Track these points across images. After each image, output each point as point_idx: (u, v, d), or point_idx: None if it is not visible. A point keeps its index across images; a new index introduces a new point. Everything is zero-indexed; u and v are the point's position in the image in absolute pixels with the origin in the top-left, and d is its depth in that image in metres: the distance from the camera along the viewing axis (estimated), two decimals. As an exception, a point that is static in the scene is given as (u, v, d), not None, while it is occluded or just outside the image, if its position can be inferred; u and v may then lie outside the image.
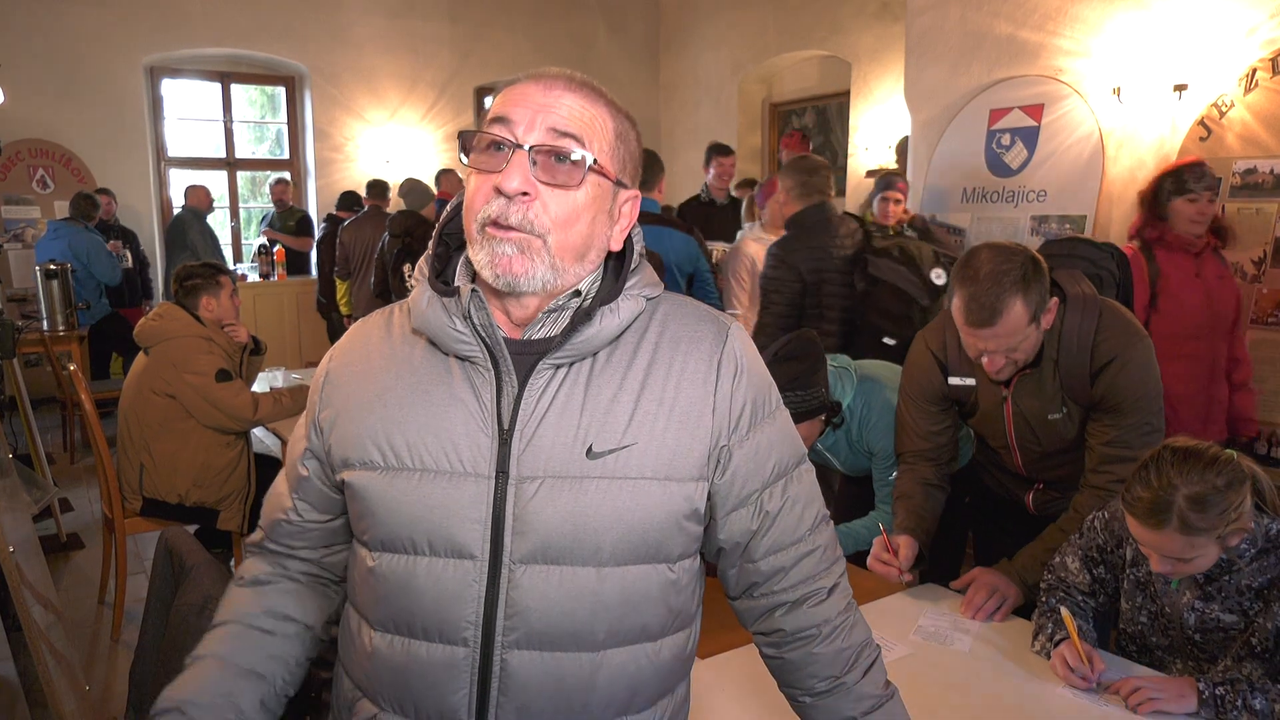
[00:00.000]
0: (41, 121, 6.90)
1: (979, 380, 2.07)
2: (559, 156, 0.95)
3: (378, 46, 8.11)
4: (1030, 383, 2.00)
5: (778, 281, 3.33)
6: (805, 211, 3.35)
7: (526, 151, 0.94)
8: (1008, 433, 2.10)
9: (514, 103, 0.97)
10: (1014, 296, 1.81)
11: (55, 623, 2.47)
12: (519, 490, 0.97)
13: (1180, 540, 1.54)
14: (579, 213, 0.96)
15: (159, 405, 3.19)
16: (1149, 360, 1.94)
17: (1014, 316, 1.82)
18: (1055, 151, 4.48)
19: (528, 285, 0.96)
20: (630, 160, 1.03)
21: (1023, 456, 2.13)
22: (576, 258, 0.98)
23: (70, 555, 4.11)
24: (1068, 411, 1.99)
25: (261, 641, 1.12)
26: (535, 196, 0.94)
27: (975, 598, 1.92)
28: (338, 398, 1.06)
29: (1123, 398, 1.91)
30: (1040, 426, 2.03)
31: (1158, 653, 1.77)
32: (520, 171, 0.94)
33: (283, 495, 1.14)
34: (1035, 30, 4.55)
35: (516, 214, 0.94)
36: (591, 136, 0.97)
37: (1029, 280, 1.83)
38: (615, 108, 1.01)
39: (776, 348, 2.24)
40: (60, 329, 5.71)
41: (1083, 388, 1.94)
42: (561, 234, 0.96)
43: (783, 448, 1.08)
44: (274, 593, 1.15)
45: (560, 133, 0.95)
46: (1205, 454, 1.56)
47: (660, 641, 1.04)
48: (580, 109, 0.97)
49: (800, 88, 8.34)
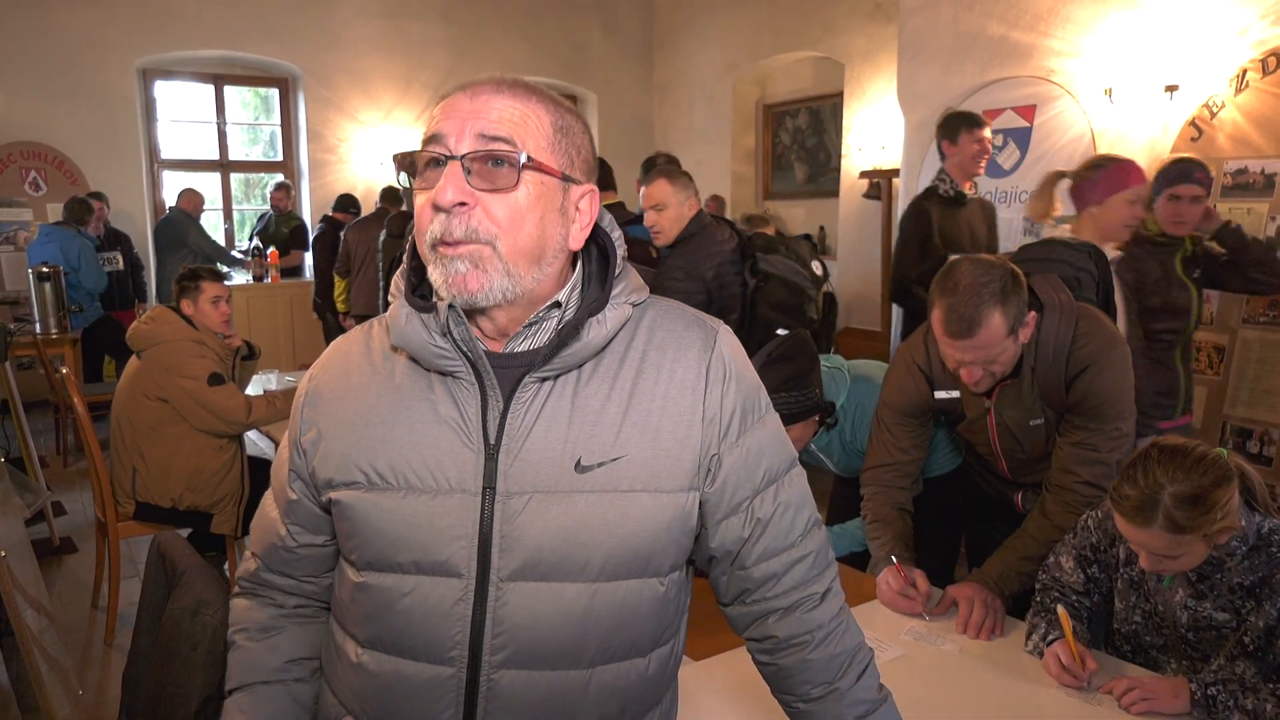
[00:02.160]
0: (34, 123, 6.88)
1: (963, 391, 2.08)
2: (494, 161, 0.92)
3: (371, 48, 8.10)
4: (1011, 393, 2.01)
5: (685, 295, 3.13)
6: (700, 217, 3.31)
7: (459, 161, 0.92)
8: (992, 441, 2.12)
9: (444, 116, 0.95)
10: (992, 308, 1.83)
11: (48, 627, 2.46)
12: (506, 506, 0.96)
13: (1167, 538, 1.54)
14: (523, 213, 0.93)
15: (151, 409, 3.18)
16: (1124, 367, 1.95)
17: (992, 328, 1.84)
18: (1048, 152, 4.50)
19: (485, 300, 0.93)
20: (579, 154, 0.99)
21: (1008, 462, 2.15)
22: (531, 261, 0.95)
23: (63, 559, 4.09)
24: (1047, 418, 2.01)
25: (296, 692, 1.12)
26: (474, 204, 0.92)
27: (973, 616, 1.86)
28: (319, 418, 1.04)
29: (1096, 403, 1.93)
30: (1023, 434, 2.05)
31: (1152, 652, 1.78)
32: (454, 183, 0.91)
33: (275, 521, 1.12)
34: (1027, 31, 4.56)
35: (460, 226, 0.92)
36: (525, 134, 0.94)
37: (1008, 293, 1.85)
38: (552, 102, 0.98)
39: (770, 349, 2.24)
40: (53, 332, 5.69)
41: (1058, 394, 1.96)
42: (510, 238, 0.93)
43: (773, 452, 1.07)
44: (286, 639, 1.14)
45: (490, 137, 0.92)
46: (1192, 453, 1.56)
47: (649, 656, 1.04)
48: (510, 109, 0.94)
49: (794, 89, 8.35)
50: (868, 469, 2.21)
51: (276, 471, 1.12)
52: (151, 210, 7.63)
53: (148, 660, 1.69)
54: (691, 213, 3.26)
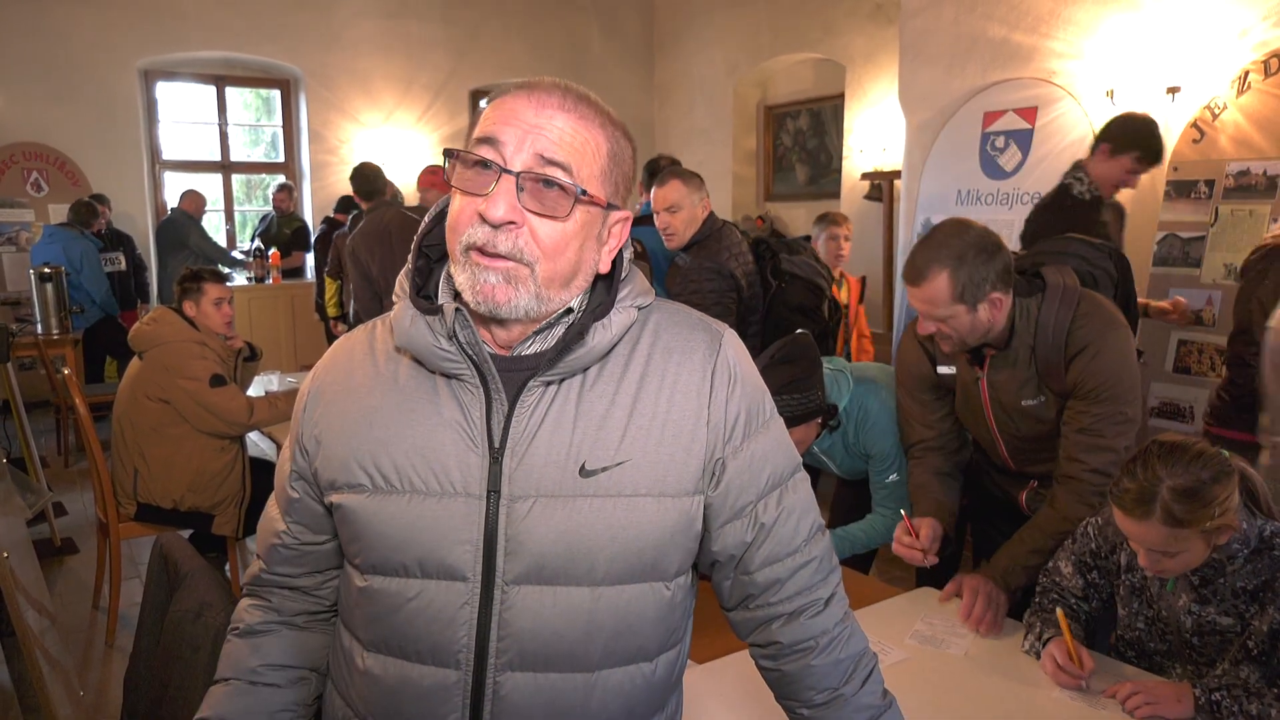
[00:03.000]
0: (35, 124, 6.88)
1: (959, 367, 2.11)
2: (547, 182, 0.90)
3: (372, 49, 8.10)
4: (1003, 367, 2.02)
5: (717, 294, 3.13)
6: (712, 218, 3.28)
7: (514, 177, 0.90)
8: (987, 419, 2.11)
9: (503, 120, 0.92)
10: (940, 268, 1.88)
11: (49, 627, 2.46)
12: (511, 510, 0.95)
13: (1164, 532, 1.54)
14: (568, 240, 0.93)
15: (153, 410, 3.18)
16: (1124, 349, 1.94)
17: (935, 286, 1.89)
18: (1049, 154, 4.49)
19: (509, 313, 0.93)
20: (623, 181, 0.98)
21: (1006, 447, 2.14)
22: (563, 285, 0.95)
23: (64, 560, 4.09)
24: (1045, 400, 2.00)
25: (265, 697, 1.11)
26: (522, 224, 0.90)
27: (976, 608, 1.89)
28: (322, 419, 1.04)
29: (1096, 384, 1.92)
30: (1017, 413, 2.05)
31: (1156, 658, 1.77)
32: (506, 199, 0.89)
33: (275, 520, 1.11)
34: (1028, 33, 4.56)
35: (505, 243, 0.90)
36: (582, 163, 0.92)
37: (964, 260, 1.87)
38: (610, 124, 0.96)
39: (772, 351, 2.24)
40: (54, 332, 5.70)
41: (1058, 375, 1.96)
42: (550, 263, 0.92)
43: (777, 457, 1.06)
44: (271, 643, 1.13)
45: (548, 160, 0.90)
46: (1192, 448, 1.57)
47: (656, 660, 1.03)
48: (572, 132, 0.92)
49: (795, 90, 8.35)
50: (906, 446, 2.29)
51: (279, 470, 1.11)
52: (153, 211, 7.63)
53: (150, 662, 1.69)
54: (704, 214, 3.25)
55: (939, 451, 2.21)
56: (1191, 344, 3.82)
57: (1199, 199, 3.85)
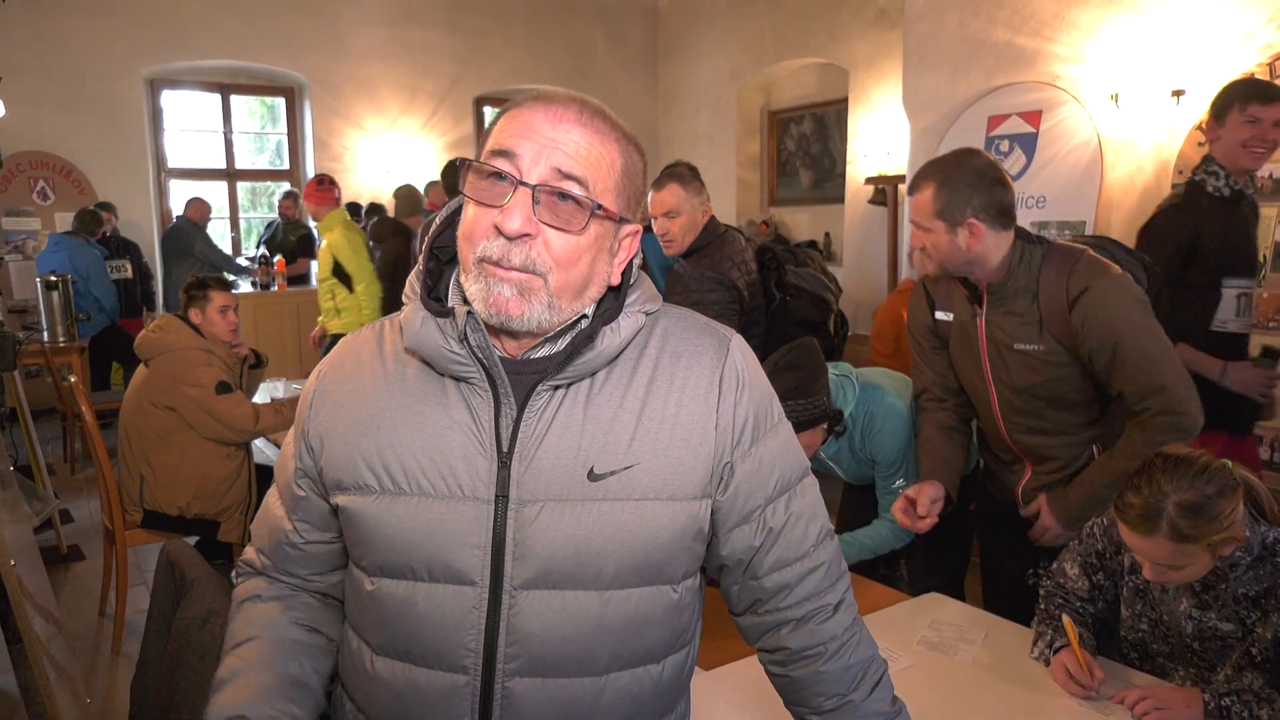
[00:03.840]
0: (42, 133, 6.91)
1: (957, 313, 2.14)
2: (562, 196, 0.91)
3: (377, 56, 8.13)
4: (1002, 308, 2.04)
5: (720, 306, 2.97)
6: (714, 224, 3.12)
7: (530, 190, 0.90)
8: (982, 362, 2.10)
9: (519, 133, 0.92)
10: (929, 182, 1.96)
11: (56, 635, 2.46)
12: (519, 514, 0.95)
13: (1170, 547, 1.54)
14: (581, 253, 0.93)
15: (159, 417, 3.18)
16: (1123, 289, 1.92)
17: (922, 197, 1.98)
18: (1054, 158, 4.49)
19: (521, 325, 0.93)
20: (635, 195, 0.99)
21: (999, 397, 2.12)
22: (574, 296, 0.95)
23: (70, 567, 4.10)
24: (1046, 348, 1.99)
25: (299, 651, 1.08)
26: (537, 236, 0.91)
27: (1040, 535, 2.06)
28: (328, 418, 1.03)
29: (1104, 328, 1.90)
30: (1010, 355, 2.04)
31: (1159, 660, 1.77)
32: (522, 212, 0.90)
33: (280, 519, 1.10)
34: (1032, 36, 4.56)
35: (519, 255, 0.91)
36: (597, 177, 0.93)
37: (951, 180, 1.94)
38: (624, 139, 0.97)
39: (777, 357, 2.23)
40: (60, 340, 5.71)
41: (1062, 318, 1.95)
42: (563, 274, 0.93)
43: (785, 461, 1.06)
44: (298, 605, 1.12)
45: (565, 174, 0.91)
46: (1197, 462, 1.56)
47: (663, 662, 1.03)
48: (588, 147, 0.93)
49: (798, 95, 8.36)
50: (916, 395, 2.35)
51: (282, 468, 1.10)
52: (159, 219, 7.66)
53: (156, 669, 1.69)
54: (705, 219, 3.08)
55: (943, 403, 2.26)
56: (1198, 347, 3.81)
57: (1205, 202, 3.83)
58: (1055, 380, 2.01)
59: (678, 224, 3.05)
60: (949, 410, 2.26)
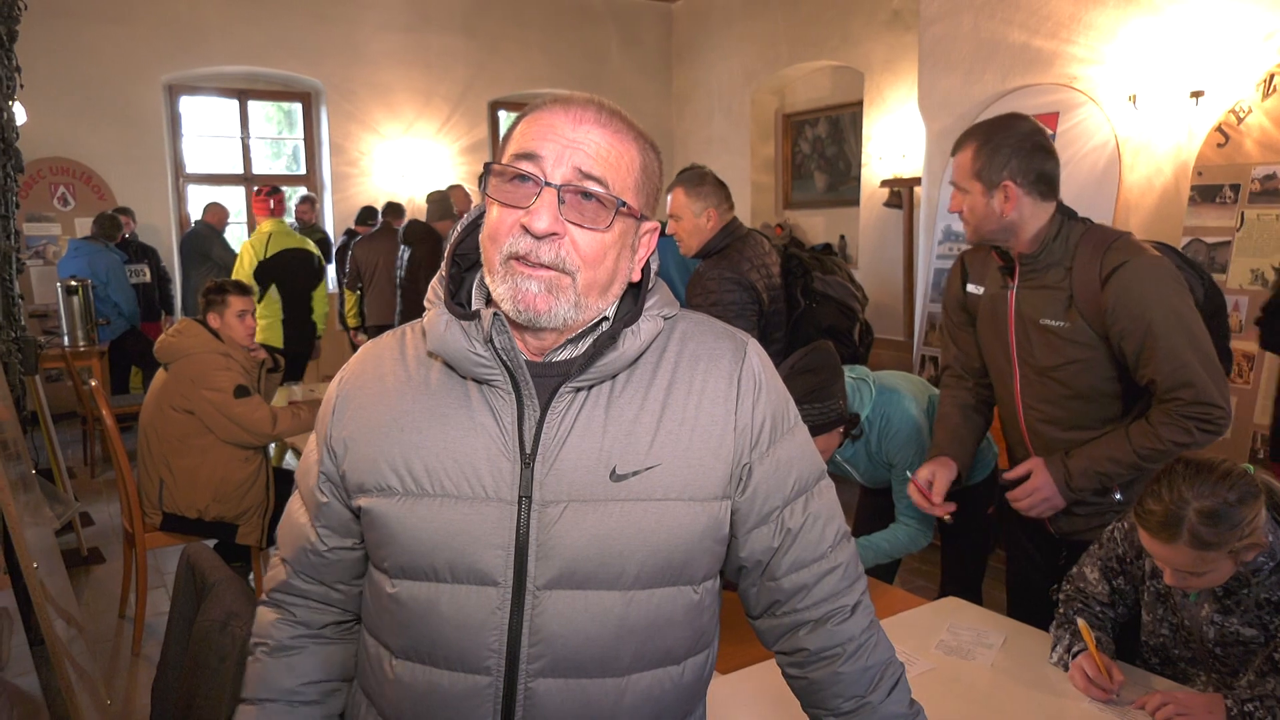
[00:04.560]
0: (62, 139, 6.99)
1: (988, 285, 2.13)
2: (586, 195, 0.93)
3: (393, 61, 8.18)
4: (1034, 281, 2.00)
5: (739, 307, 2.96)
6: (731, 226, 3.11)
7: (555, 190, 0.92)
8: (1009, 337, 2.06)
9: (541, 136, 0.94)
10: (971, 140, 1.97)
11: (76, 637, 2.48)
12: (542, 514, 0.96)
13: (1191, 554, 1.52)
14: (606, 250, 0.95)
15: (178, 421, 3.21)
16: (1160, 270, 1.87)
17: (963, 156, 1.97)
18: (1071, 160, 4.46)
19: (549, 322, 0.95)
20: (653, 193, 1.02)
21: (1021, 379, 2.07)
22: (600, 293, 0.97)
23: (91, 569, 4.13)
24: (1073, 326, 1.94)
25: (304, 715, 1.12)
26: (564, 235, 0.93)
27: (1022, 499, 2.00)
28: (351, 421, 1.04)
29: (1137, 307, 1.84)
30: (1036, 331, 2.00)
31: (1180, 665, 1.75)
32: (549, 211, 0.92)
33: (304, 526, 1.11)
34: (1048, 38, 4.54)
35: (549, 253, 0.93)
36: (617, 176, 0.95)
37: (993, 141, 1.94)
38: (641, 139, 1.00)
39: (793, 360, 2.23)
40: (81, 344, 5.77)
41: (1094, 293, 1.90)
42: (590, 271, 0.95)
43: (802, 463, 1.07)
44: (305, 660, 1.13)
45: (586, 174, 0.93)
46: (1218, 468, 1.54)
47: (684, 664, 1.04)
48: (608, 148, 0.95)
49: (813, 98, 8.35)
50: (940, 370, 2.36)
51: (304, 474, 1.11)
52: (177, 224, 7.73)
53: (177, 672, 1.70)
54: (711, 224, 3.08)
55: (963, 380, 2.26)
56: (1218, 350, 3.78)
57: (1224, 204, 3.81)
58: (1078, 363, 1.95)
59: (681, 227, 3.13)
60: (969, 389, 2.25)
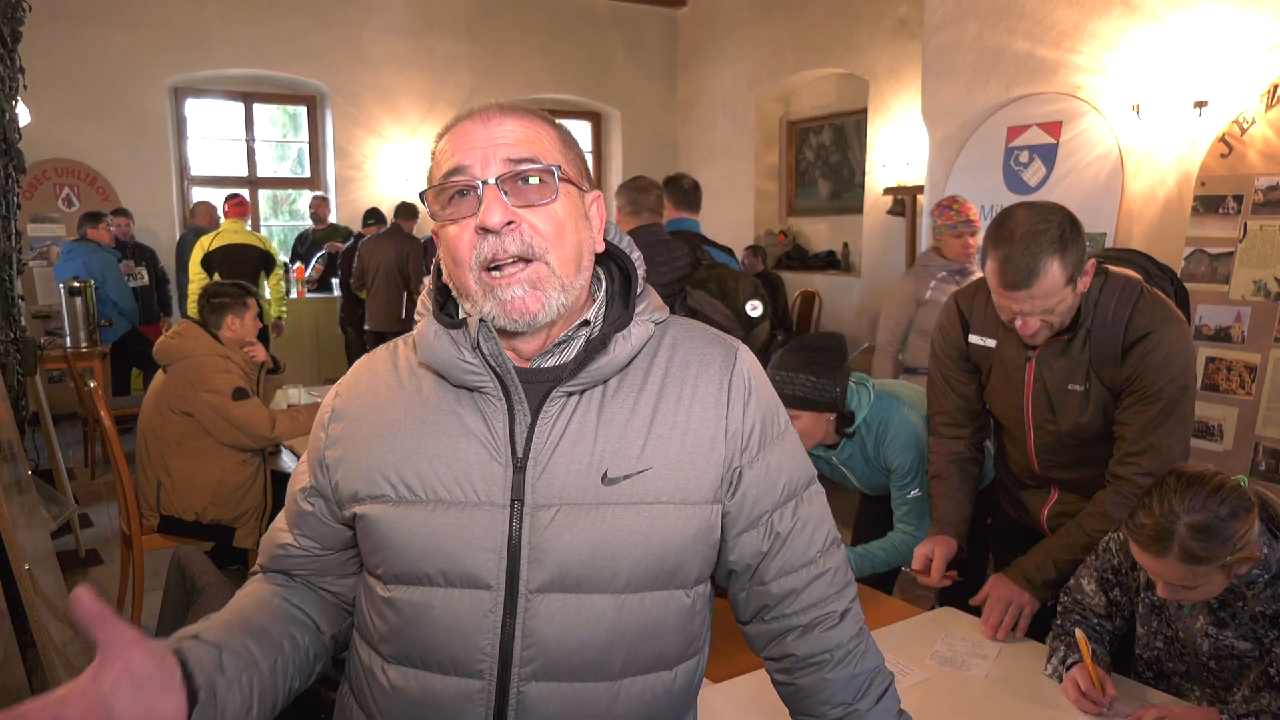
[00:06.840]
0: (66, 141, 7.01)
1: (1000, 341, 2.04)
2: (525, 179, 0.96)
3: (397, 66, 8.20)
4: (1058, 346, 1.94)
5: None
6: (638, 231, 3.13)
7: (495, 185, 0.94)
8: (1024, 403, 2.03)
9: (460, 148, 0.97)
10: (1051, 258, 1.76)
11: (72, 638, 2.48)
12: (534, 518, 0.96)
13: (1182, 569, 1.51)
14: (564, 223, 0.97)
15: (177, 423, 3.21)
16: (1183, 344, 1.87)
17: (1050, 278, 1.77)
18: (1074, 169, 4.46)
19: (546, 316, 0.96)
20: (579, 162, 1.04)
21: (1036, 438, 2.06)
22: (576, 269, 0.99)
23: (88, 571, 4.13)
24: (1089, 389, 1.93)
25: (277, 613, 1.08)
26: (520, 222, 0.95)
27: (992, 616, 1.90)
28: (344, 434, 1.05)
29: (1154, 378, 1.84)
30: (1059, 396, 1.97)
31: (1175, 679, 1.74)
32: (498, 204, 0.94)
33: (281, 531, 1.12)
34: (1052, 47, 4.54)
35: (514, 243, 0.94)
36: (543, 150, 0.98)
37: (1066, 241, 1.78)
38: (546, 117, 1.03)
39: (807, 337, 2.26)
40: (83, 346, 5.78)
41: (1112, 362, 1.88)
42: (559, 250, 0.97)
43: (793, 468, 1.08)
44: (293, 587, 1.13)
45: (515, 160, 0.96)
46: (1210, 481, 1.52)
47: (675, 669, 1.04)
48: (523, 130, 0.98)
49: (817, 105, 8.35)
50: (929, 415, 2.28)
51: (293, 484, 1.12)
52: (181, 226, 7.74)
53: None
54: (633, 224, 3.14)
55: (960, 428, 2.19)
56: (1220, 361, 3.77)
57: (1227, 214, 3.80)
58: (1095, 418, 1.95)
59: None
60: (964, 440, 2.18)
